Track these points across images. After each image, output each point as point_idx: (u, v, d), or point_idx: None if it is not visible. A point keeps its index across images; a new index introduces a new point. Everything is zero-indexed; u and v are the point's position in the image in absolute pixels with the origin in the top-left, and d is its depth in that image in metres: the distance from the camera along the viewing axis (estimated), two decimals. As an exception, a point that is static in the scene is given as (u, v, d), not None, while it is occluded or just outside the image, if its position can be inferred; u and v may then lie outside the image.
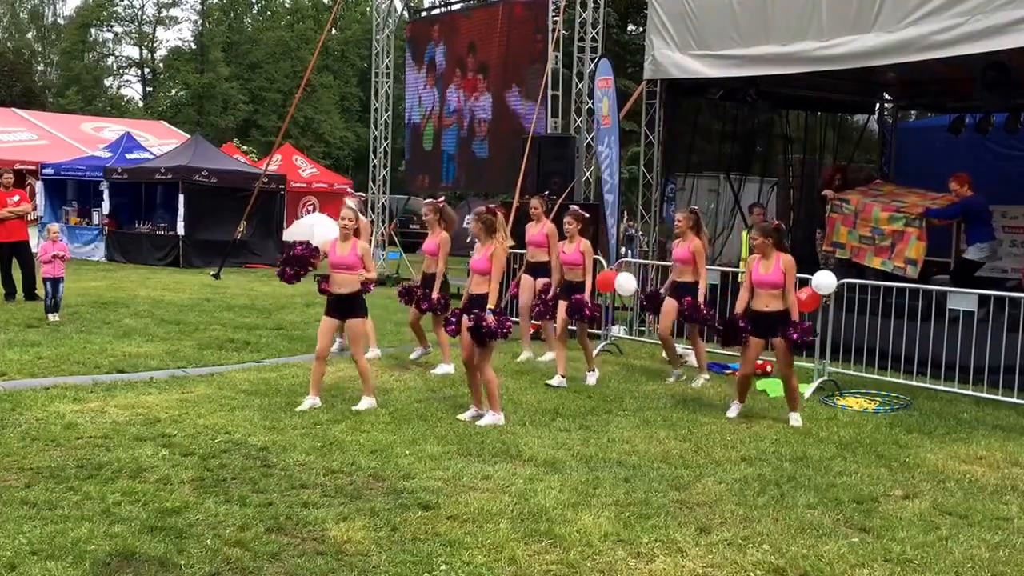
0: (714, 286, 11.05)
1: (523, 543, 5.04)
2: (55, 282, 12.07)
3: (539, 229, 10.77)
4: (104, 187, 22.41)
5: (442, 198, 10.85)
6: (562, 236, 9.99)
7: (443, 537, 5.07)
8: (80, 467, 6.01)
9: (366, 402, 8.06)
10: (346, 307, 8.02)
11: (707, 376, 9.97)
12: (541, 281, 10.63)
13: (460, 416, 7.83)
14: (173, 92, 60.49)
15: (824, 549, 5.12)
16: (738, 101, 14.23)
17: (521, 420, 7.82)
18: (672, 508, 5.74)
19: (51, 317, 11.89)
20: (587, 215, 10.06)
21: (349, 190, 28.44)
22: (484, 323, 7.55)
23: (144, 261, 21.59)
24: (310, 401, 7.96)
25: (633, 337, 12.36)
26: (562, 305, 9.67)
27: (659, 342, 10.79)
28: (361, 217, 9.08)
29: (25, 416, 7.19)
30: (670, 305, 9.85)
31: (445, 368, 9.79)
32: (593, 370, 9.73)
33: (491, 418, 7.69)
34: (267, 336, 11.56)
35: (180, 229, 21.31)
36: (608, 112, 13.67)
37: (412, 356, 10.52)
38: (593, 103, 14.40)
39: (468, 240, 13.36)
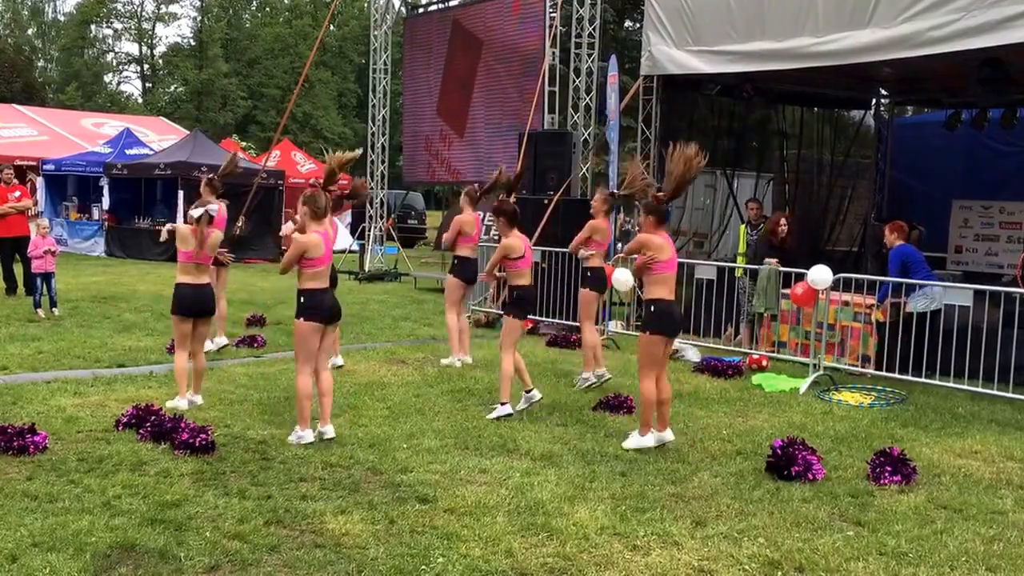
0: (711, 281, 11.10)
1: (520, 536, 5.08)
2: (47, 277, 12.11)
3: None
4: (104, 183, 22.43)
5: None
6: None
7: (440, 530, 5.11)
8: (81, 460, 6.06)
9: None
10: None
11: (587, 375, 9.25)
12: None
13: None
14: (172, 88, 60.62)
15: (819, 542, 5.16)
16: (734, 97, 14.27)
17: (519, 415, 7.86)
18: (668, 502, 5.78)
19: (40, 312, 11.92)
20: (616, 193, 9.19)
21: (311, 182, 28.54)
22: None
23: (144, 256, 21.59)
24: None
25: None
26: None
27: None
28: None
29: (26, 410, 7.23)
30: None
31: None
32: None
33: (293, 437, 6.75)
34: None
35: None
36: (615, 107, 13.71)
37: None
38: (605, 99, 14.44)
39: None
